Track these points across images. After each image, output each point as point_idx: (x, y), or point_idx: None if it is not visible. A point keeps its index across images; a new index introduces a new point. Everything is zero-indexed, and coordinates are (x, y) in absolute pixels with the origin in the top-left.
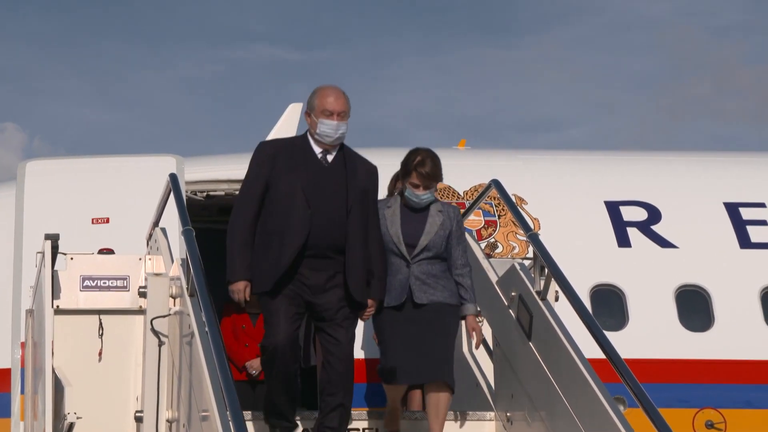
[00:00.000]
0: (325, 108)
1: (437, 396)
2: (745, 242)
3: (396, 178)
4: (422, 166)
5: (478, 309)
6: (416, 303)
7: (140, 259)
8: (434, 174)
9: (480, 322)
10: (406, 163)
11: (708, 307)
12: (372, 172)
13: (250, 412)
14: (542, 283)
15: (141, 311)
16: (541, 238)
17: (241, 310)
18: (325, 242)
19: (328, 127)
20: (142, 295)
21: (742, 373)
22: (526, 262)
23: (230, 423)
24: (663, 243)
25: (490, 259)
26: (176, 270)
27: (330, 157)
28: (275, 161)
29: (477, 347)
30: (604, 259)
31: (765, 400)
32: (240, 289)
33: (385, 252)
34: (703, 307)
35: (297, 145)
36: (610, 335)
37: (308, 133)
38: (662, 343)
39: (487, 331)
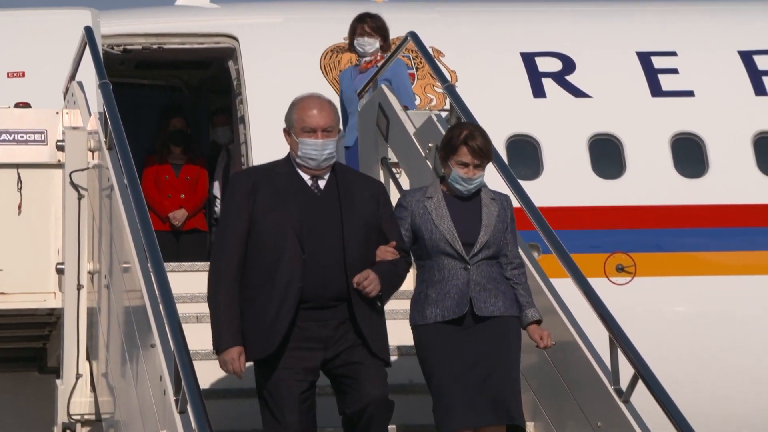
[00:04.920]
0: (306, 124)
1: None
2: (656, 91)
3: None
4: (472, 138)
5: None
6: (476, 315)
7: (57, 113)
8: (488, 149)
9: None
10: (449, 140)
11: (620, 155)
12: (376, 192)
13: (172, 263)
14: None
15: (60, 165)
16: (457, 89)
17: (164, 161)
18: (327, 292)
19: (310, 147)
20: (60, 148)
21: (653, 218)
22: (444, 114)
23: (151, 274)
24: (577, 93)
25: (408, 111)
26: (94, 124)
27: (322, 183)
28: (256, 196)
29: (548, 347)
30: (519, 109)
31: (673, 243)
32: (234, 358)
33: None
34: (615, 155)
35: (281, 172)
36: (525, 184)
37: (290, 156)
38: (576, 191)
39: (404, 182)
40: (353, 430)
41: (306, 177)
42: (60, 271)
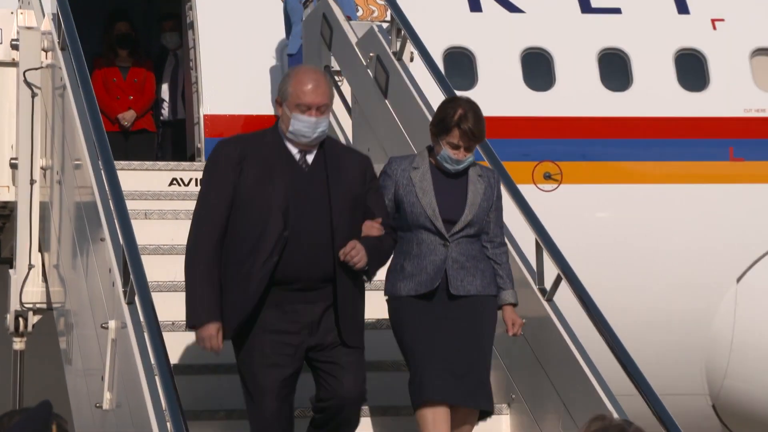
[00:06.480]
0: (301, 101)
1: (467, 427)
2: (586, 7)
3: None
4: (465, 120)
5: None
6: (451, 293)
7: (12, 12)
8: (480, 132)
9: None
10: (442, 118)
11: (550, 68)
12: (363, 167)
13: (122, 162)
14: (398, 44)
15: (14, 63)
16: (398, 2)
17: (111, 64)
18: (313, 272)
19: (303, 125)
20: (15, 47)
21: (579, 129)
22: (384, 25)
23: (102, 171)
24: (511, 8)
25: (350, 22)
26: (48, 24)
27: (310, 158)
28: (242, 167)
29: (516, 335)
30: (456, 23)
31: (598, 153)
32: (212, 335)
33: (395, 238)
34: (546, 69)
35: (268, 143)
36: (460, 94)
37: (279, 127)
38: (508, 102)
39: (346, 90)
40: (324, 421)
41: (294, 150)
42: (13, 166)
